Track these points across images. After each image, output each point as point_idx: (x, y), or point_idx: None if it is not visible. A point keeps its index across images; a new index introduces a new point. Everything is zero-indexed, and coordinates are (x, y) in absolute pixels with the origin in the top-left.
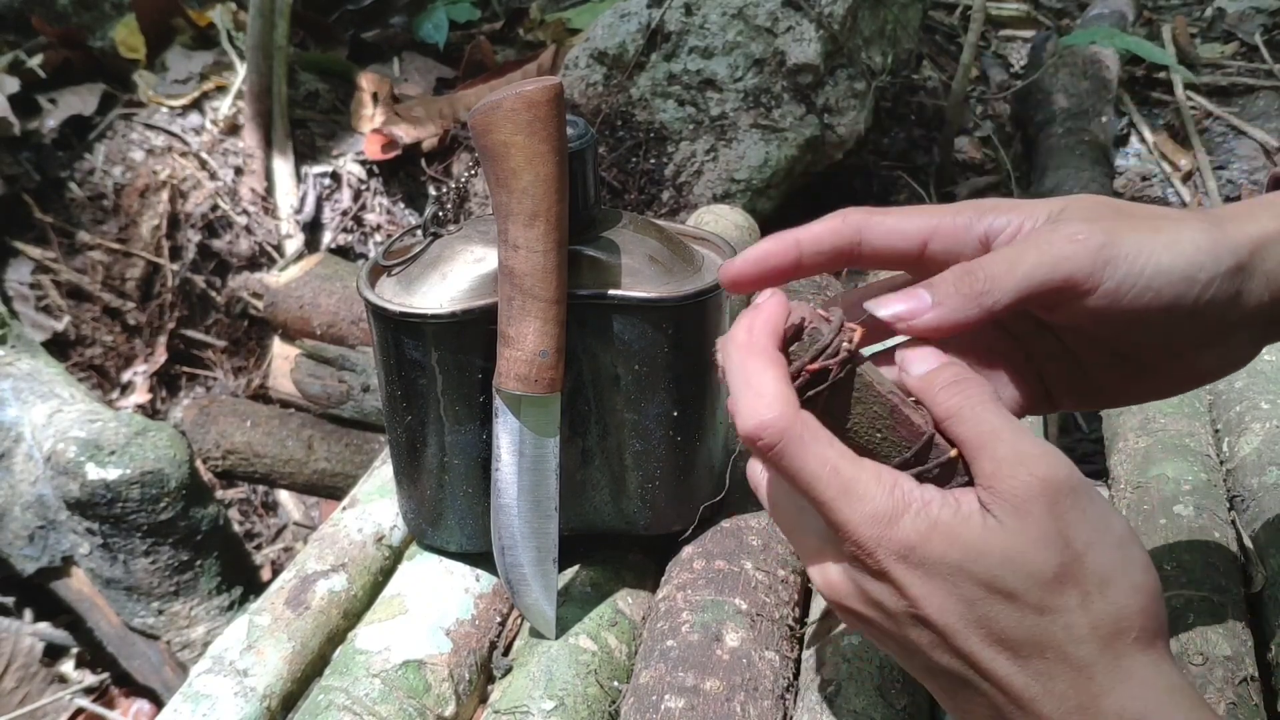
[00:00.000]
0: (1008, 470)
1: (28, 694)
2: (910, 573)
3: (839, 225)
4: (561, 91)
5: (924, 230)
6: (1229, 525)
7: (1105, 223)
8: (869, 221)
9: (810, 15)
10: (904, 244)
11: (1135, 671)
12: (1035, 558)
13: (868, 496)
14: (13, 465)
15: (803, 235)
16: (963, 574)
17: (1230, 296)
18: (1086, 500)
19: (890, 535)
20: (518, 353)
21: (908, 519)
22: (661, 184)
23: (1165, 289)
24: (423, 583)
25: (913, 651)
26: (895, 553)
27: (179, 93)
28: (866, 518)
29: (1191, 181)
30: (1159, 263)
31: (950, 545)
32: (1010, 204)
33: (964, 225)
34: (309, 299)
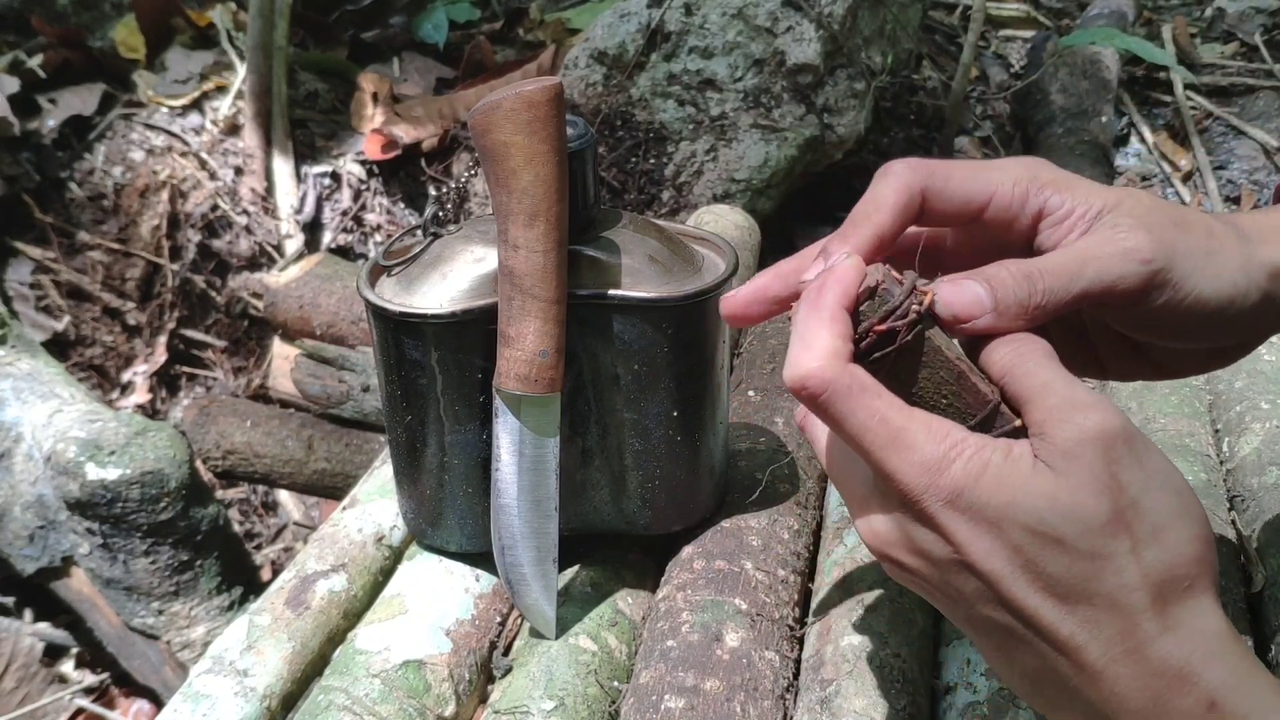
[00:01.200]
0: (1059, 417)
1: (28, 694)
2: (958, 518)
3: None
4: (561, 91)
5: (984, 198)
6: (1229, 525)
7: (1161, 237)
8: (933, 188)
9: (810, 15)
10: (964, 211)
11: (1184, 620)
12: (1086, 503)
13: (916, 445)
14: (13, 465)
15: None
16: (1011, 518)
17: (1254, 320)
18: (1142, 448)
19: (939, 482)
20: (518, 353)
21: (958, 464)
22: (661, 184)
23: (1200, 313)
24: (423, 583)
25: (957, 601)
26: (944, 498)
27: (179, 93)
28: (915, 465)
29: (1191, 181)
30: (1201, 291)
31: (999, 489)
32: (1065, 181)
33: (1020, 198)
34: (309, 299)
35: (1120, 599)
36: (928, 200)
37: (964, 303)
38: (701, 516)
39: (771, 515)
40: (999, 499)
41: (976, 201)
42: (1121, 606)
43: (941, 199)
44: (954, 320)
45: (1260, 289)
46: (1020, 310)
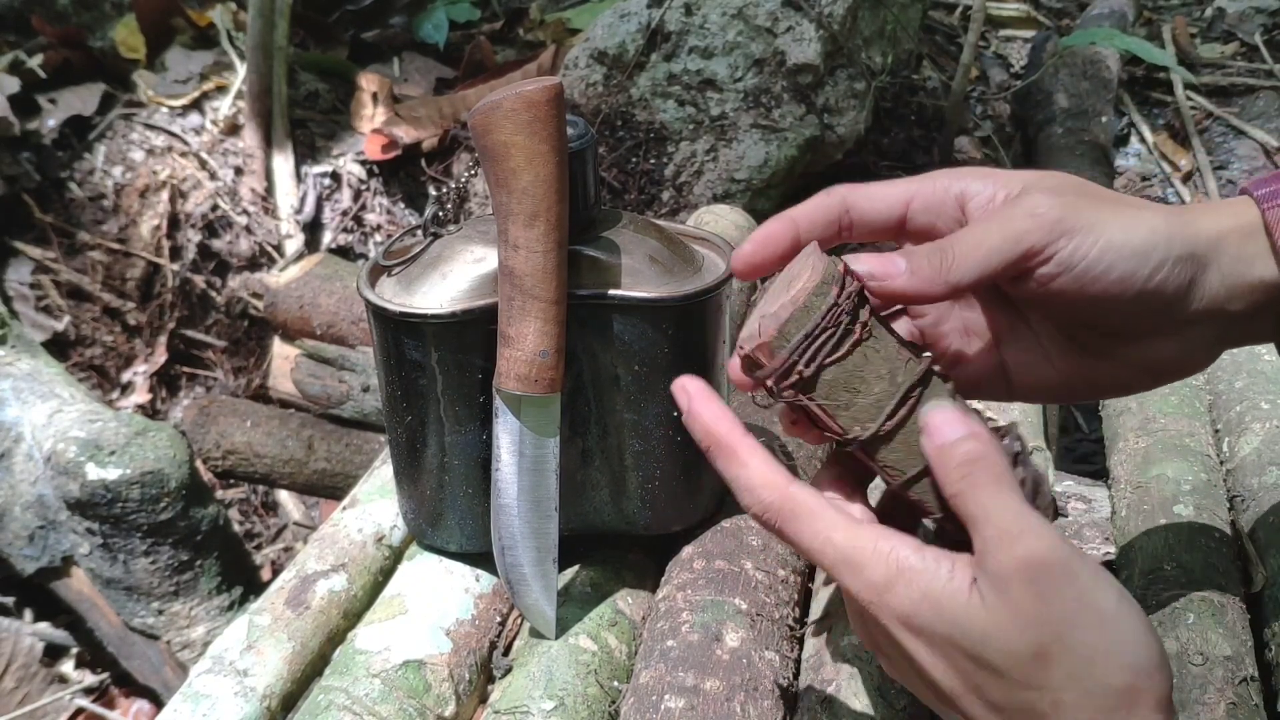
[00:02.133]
0: (992, 548)
1: (28, 694)
2: (911, 638)
3: (826, 200)
4: (561, 91)
5: (904, 197)
6: (1229, 525)
7: (1067, 198)
8: (854, 193)
9: (810, 15)
10: (887, 211)
11: None
12: (1013, 636)
13: (865, 565)
14: (13, 465)
15: (797, 214)
16: (952, 645)
17: (1182, 284)
18: (1067, 579)
19: (890, 603)
20: (518, 353)
21: (900, 587)
22: (661, 184)
23: (1116, 264)
24: (423, 583)
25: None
26: (895, 618)
27: (179, 93)
28: (865, 585)
29: (1191, 181)
30: (1111, 238)
31: (938, 616)
32: (986, 171)
33: (942, 189)
34: (309, 299)
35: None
36: (851, 202)
37: (882, 264)
38: (701, 516)
39: None
40: (941, 626)
41: (897, 202)
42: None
43: (865, 203)
44: (869, 277)
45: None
46: (932, 274)
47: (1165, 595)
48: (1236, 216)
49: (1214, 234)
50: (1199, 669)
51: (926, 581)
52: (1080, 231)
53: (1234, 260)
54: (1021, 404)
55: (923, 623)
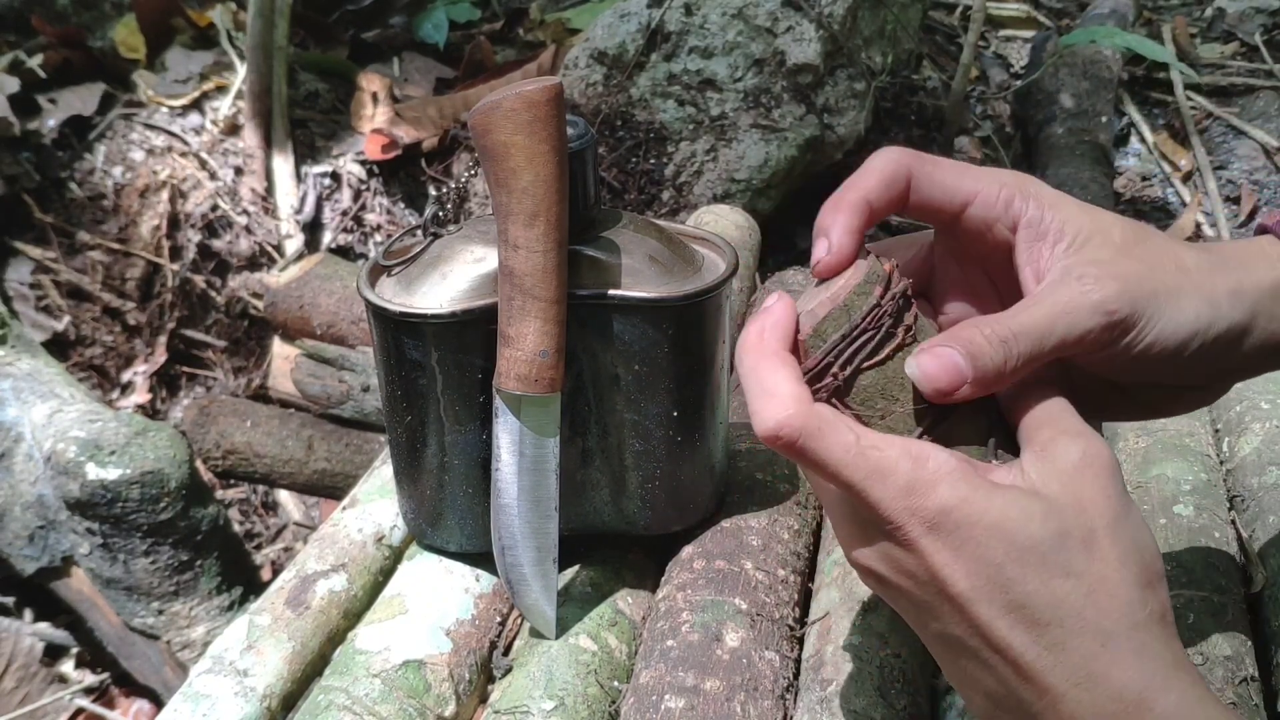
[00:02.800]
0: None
1: (28, 694)
2: (938, 541)
3: (894, 173)
4: (561, 91)
5: (968, 194)
6: (1229, 525)
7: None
8: (921, 169)
9: (810, 15)
10: (946, 203)
11: (1146, 646)
12: (1071, 520)
13: (897, 470)
14: (13, 465)
15: (868, 193)
16: (995, 538)
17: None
18: (1120, 482)
19: (918, 504)
20: (518, 353)
21: (944, 486)
22: (661, 184)
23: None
24: (423, 583)
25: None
26: (927, 522)
27: (179, 93)
28: (895, 491)
29: (1191, 181)
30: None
31: (982, 513)
32: (1049, 198)
33: (1004, 203)
34: (309, 299)
35: (1083, 623)
36: (915, 182)
37: (945, 375)
38: (701, 516)
39: (771, 515)
40: (986, 519)
41: (961, 195)
42: (1090, 627)
43: (929, 183)
44: (936, 395)
45: (1229, 319)
46: (997, 376)
47: None
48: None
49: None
50: (1199, 669)
51: (963, 477)
52: (1134, 330)
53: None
54: None
55: (964, 518)
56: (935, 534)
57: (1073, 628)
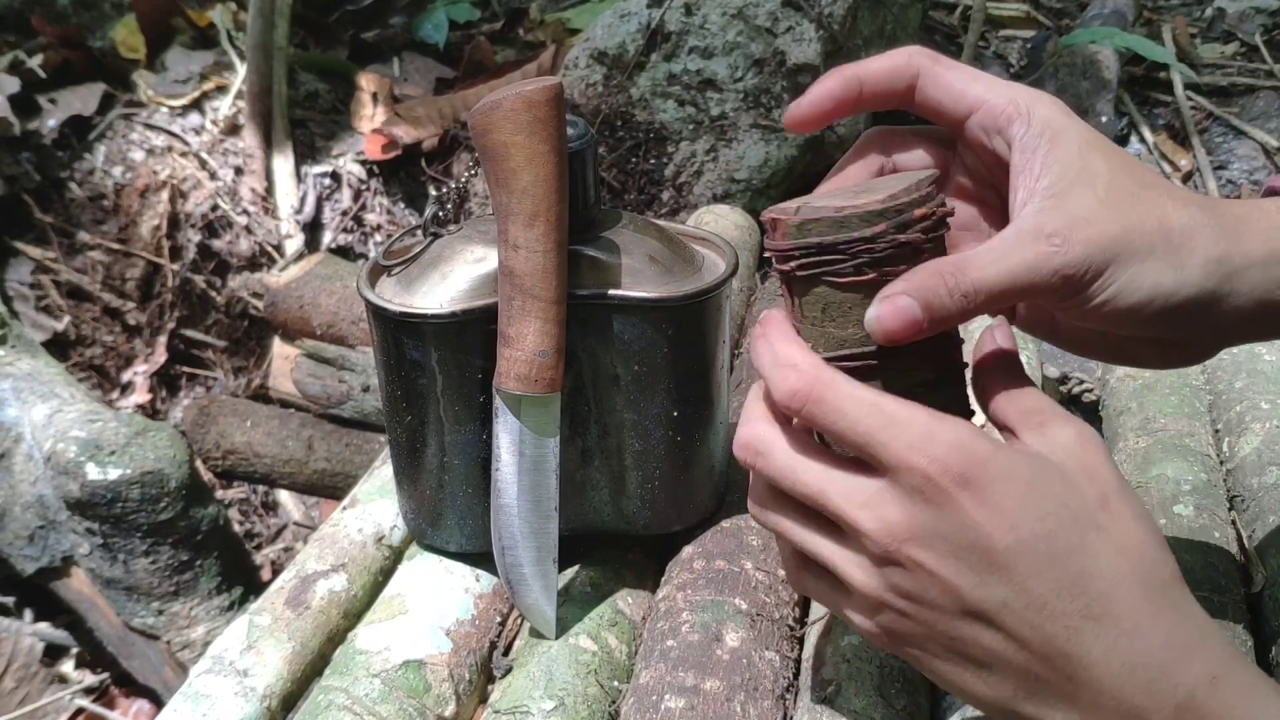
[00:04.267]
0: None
1: (28, 694)
2: (973, 498)
3: (902, 65)
4: (561, 91)
5: (973, 100)
6: (1229, 525)
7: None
8: (933, 70)
9: (810, 15)
10: (951, 105)
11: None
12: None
13: (911, 422)
14: (13, 465)
15: (865, 73)
16: (1026, 496)
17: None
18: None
19: (936, 453)
20: (518, 353)
21: (971, 446)
22: (661, 184)
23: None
24: (423, 583)
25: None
26: (960, 479)
27: (179, 93)
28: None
29: (1191, 181)
30: (1116, 292)
31: (1011, 467)
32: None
33: (1006, 119)
34: (309, 299)
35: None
36: (922, 80)
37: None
38: (701, 516)
39: None
40: (1014, 475)
41: (966, 102)
42: (1122, 581)
43: (935, 83)
44: (887, 340)
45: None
46: (949, 322)
47: None
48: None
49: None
50: None
51: (982, 433)
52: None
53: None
54: None
55: (994, 474)
56: (968, 488)
57: (1112, 578)
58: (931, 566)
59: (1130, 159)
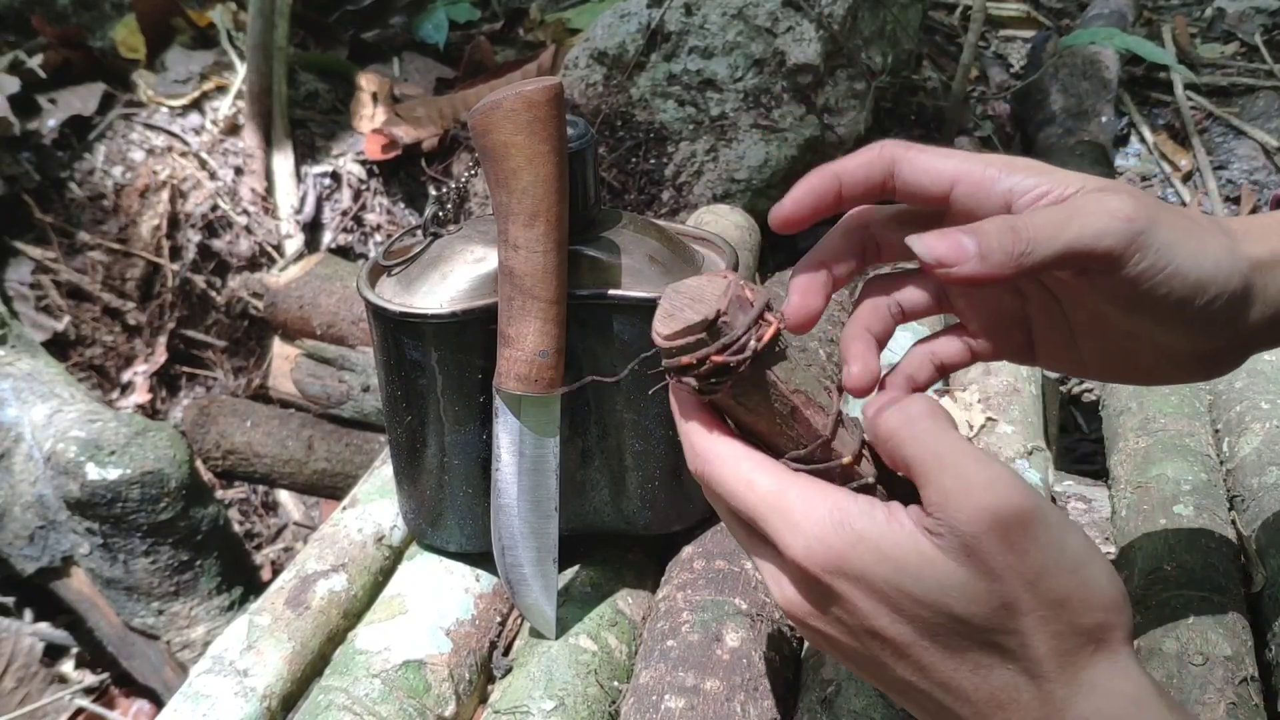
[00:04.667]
0: (956, 499)
1: (28, 694)
2: (853, 588)
3: (875, 157)
4: (561, 91)
5: (954, 174)
6: (1229, 525)
7: (1143, 203)
8: (905, 155)
9: (810, 15)
10: (933, 185)
11: (1098, 681)
12: (980, 590)
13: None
14: (13, 465)
15: (841, 169)
16: (905, 593)
17: (1230, 315)
18: (1040, 526)
19: (817, 555)
20: (518, 353)
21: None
22: (661, 184)
23: (1179, 288)
24: (423, 583)
25: (880, 667)
26: (829, 570)
27: (179, 93)
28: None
29: (1191, 181)
30: (1180, 264)
31: (880, 562)
32: (1039, 167)
33: (991, 179)
34: (309, 299)
35: (1029, 667)
36: (898, 167)
37: (948, 247)
38: (701, 516)
39: None
40: (884, 573)
41: (946, 176)
42: (1032, 672)
43: (912, 167)
44: (937, 263)
45: (1242, 275)
46: (1005, 259)
47: (1165, 595)
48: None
49: (1261, 261)
50: (1199, 669)
51: (860, 526)
52: (1155, 249)
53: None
54: (1021, 405)
55: (861, 568)
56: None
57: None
58: (836, 637)
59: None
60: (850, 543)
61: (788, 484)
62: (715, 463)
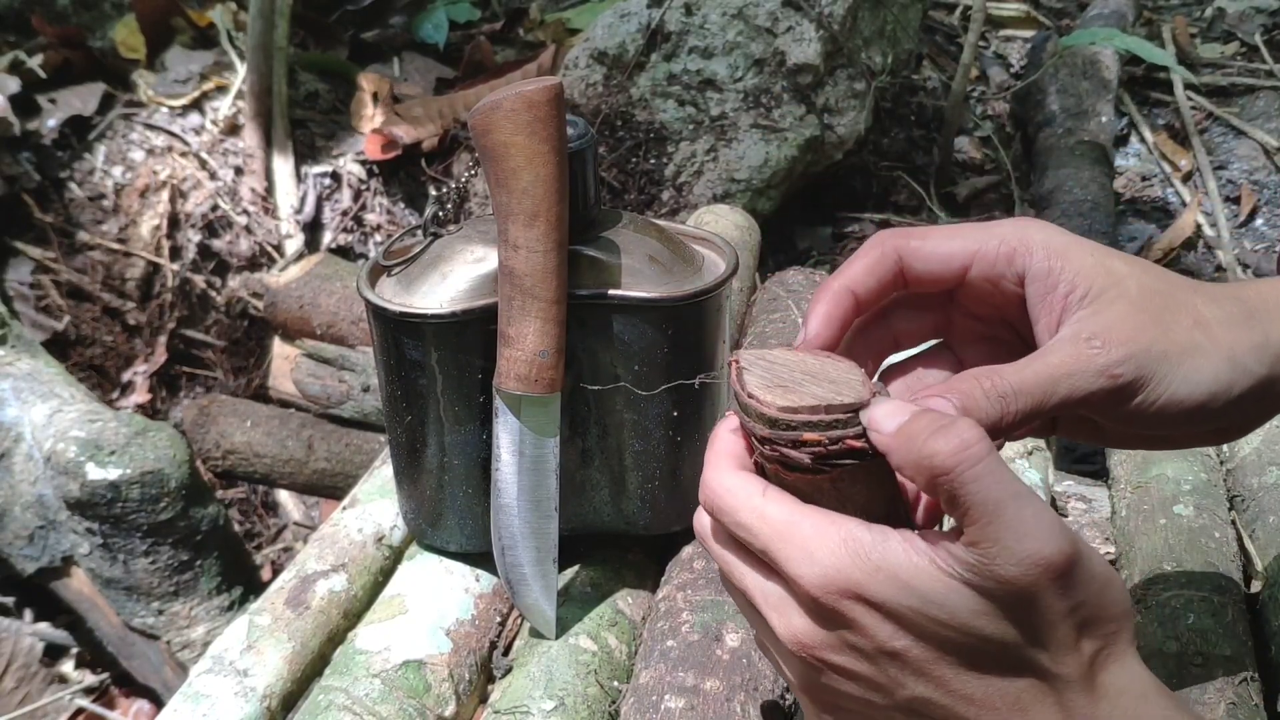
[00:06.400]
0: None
1: (28, 694)
2: (869, 613)
3: (878, 259)
4: (561, 91)
5: (965, 257)
6: (1229, 525)
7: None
8: (908, 247)
9: (810, 15)
10: (943, 271)
11: (1110, 684)
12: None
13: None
14: (13, 465)
15: (851, 282)
16: (927, 618)
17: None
18: (1081, 569)
19: (834, 582)
20: (518, 353)
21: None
22: (661, 184)
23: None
24: (423, 583)
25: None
26: (845, 595)
27: (179, 93)
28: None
29: (1191, 181)
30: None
31: (899, 591)
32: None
33: (1005, 259)
34: (309, 299)
35: (1053, 679)
36: (907, 259)
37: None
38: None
39: None
40: (904, 599)
41: (958, 260)
42: (1054, 684)
43: (920, 256)
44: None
45: (1254, 375)
46: (992, 430)
47: (1165, 595)
48: None
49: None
50: (1199, 669)
51: (877, 557)
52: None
53: None
54: None
55: (879, 595)
56: (859, 601)
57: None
58: (849, 668)
59: (1146, 261)
60: (868, 572)
61: (800, 515)
62: (726, 495)
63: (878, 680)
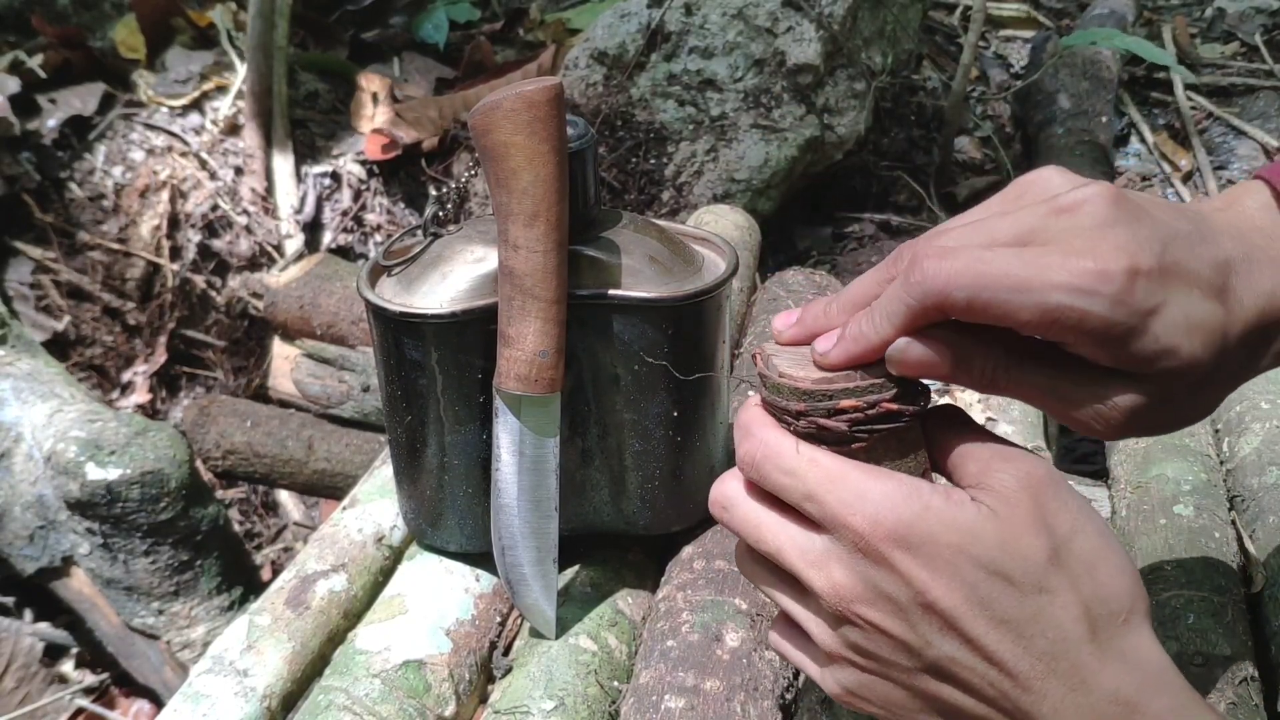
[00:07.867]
0: (995, 468)
1: (28, 694)
2: (911, 558)
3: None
4: (561, 91)
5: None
6: (1229, 525)
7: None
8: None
9: (810, 15)
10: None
11: (1125, 650)
12: (1029, 542)
13: (855, 483)
14: (13, 465)
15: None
16: (963, 556)
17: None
18: (1067, 493)
19: (885, 519)
20: (518, 353)
21: (899, 501)
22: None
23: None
24: (423, 583)
25: (920, 649)
26: (893, 538)
27: (179, 93)
28: (856, 501)
29: (1191, 181)
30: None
31: (945, 528)
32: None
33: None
34: (309, 299)
35: (1069, 630)
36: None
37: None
38: (701, 516)
39: None
40: (947, 538)
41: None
42: (1070, 637)
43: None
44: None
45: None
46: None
47: (1165, 595)
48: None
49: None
50: (1199, 669)
51: (926, 497)
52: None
53: None
54: (1021, 405)
55: (926, 536)
56: (906, 550)
57: (1055, 638)
58: (881, 624)
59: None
60: (918, 511)
61: (849, 465)
62: (774, 443)
63: (907, 640)
